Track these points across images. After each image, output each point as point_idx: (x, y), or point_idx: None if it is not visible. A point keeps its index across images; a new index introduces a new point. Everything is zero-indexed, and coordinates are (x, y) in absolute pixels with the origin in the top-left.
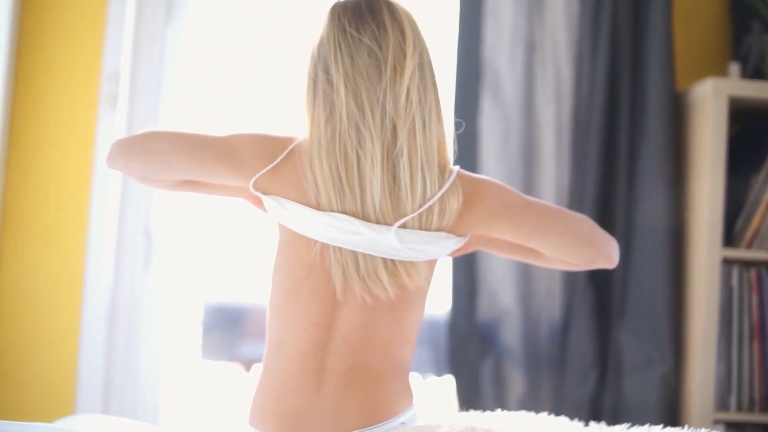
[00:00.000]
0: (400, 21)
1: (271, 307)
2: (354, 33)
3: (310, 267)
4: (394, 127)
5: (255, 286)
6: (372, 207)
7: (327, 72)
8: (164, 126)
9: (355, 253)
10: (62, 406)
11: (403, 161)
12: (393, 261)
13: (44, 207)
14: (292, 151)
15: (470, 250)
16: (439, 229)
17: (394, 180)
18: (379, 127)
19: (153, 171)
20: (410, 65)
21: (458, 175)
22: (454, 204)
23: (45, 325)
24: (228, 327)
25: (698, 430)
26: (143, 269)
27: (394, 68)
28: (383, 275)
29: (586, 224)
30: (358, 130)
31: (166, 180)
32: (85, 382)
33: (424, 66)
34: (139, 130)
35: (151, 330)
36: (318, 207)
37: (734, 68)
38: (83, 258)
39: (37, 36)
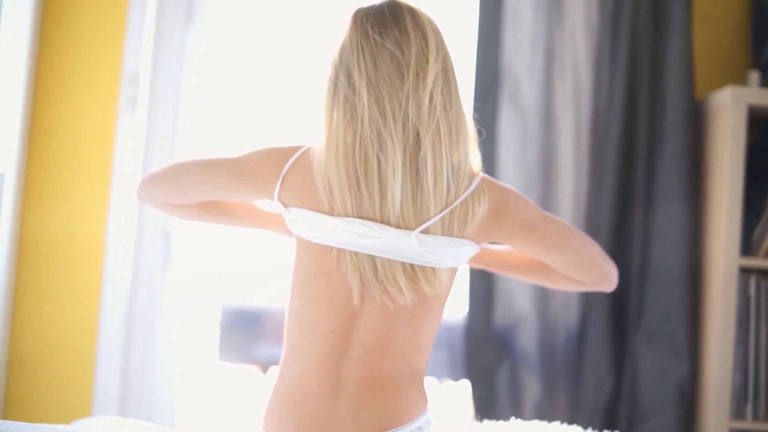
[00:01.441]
0: (422, 27)
1: (289, 312)
2: (377, 38)
3: (328, 273)
4: (417, 133)
5: (273, 289)
6: (392, 211)
7: (349, 76)
8: (183, 124)
9: (372, 257)
10: (79, 407)
11: (428, 167)
12: (412, 266)
13: (63, 209)
14: (302, 158)
15: (478, 267)
16: (462, 235)
17: (418, 185)
18: (401, 132)
19: (173, 195)
20: (433, 70)
21: (484, 181)
22: (479, 209)
23: (63, 326)
24: (245, 329)
25: None
26: (161, 271)
27: (417, 73)
28: (401, 279)
29: (595, 245)
30: (379, 134)
31: (187, 206)
32: (102, 384)
33: (448, 71)
34: (158, 132)
35: (168, 332)
36: (331, 212)
37: (754, 76)
38: (102, 259)
39: (57, 39)
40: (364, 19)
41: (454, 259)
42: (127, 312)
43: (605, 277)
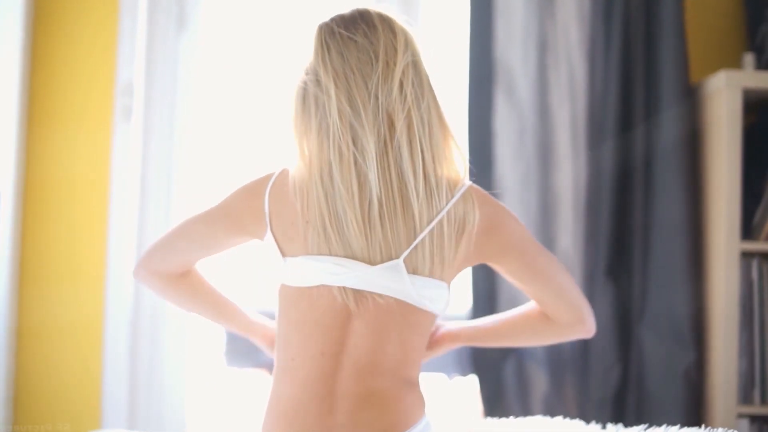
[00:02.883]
0: (390, 22)
1: (278, 332)
2: (343, 32)
3: (313, 295)
4: (391, 122)
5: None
6: (378, 222)
7: (316, 74)
8: (179, 131)
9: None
10: (88, 421)
11: (404, 158)
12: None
13: (63, 220)
14: (278, 181)
15: (446, 346)
16: (454, 252)
17: (398, 177)
18: (372, 120)
19: (168, 261)
20: (402, 61)
21: (474, 192)
22: (463, 215)
23: (68, 339)
24: None
25: (715, 430)
26: None
27: (387, 63)
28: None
29: (577, 286)
30: (351, 126)
31: (185, 275)
32: (110, 396)
33: (418, 66)
34: (155, 141)
35: (174, 339)
36: (308, 245)
37: (749, 59)
38: (104, 270)
39: (50, 50)
40: (329, 21)
41: (432, 300)
42: (131, 321)
43: (581, 320)
